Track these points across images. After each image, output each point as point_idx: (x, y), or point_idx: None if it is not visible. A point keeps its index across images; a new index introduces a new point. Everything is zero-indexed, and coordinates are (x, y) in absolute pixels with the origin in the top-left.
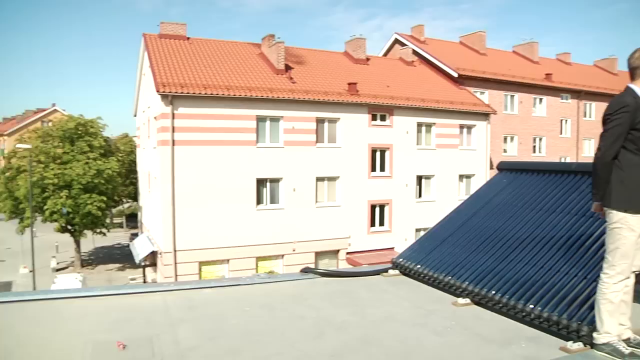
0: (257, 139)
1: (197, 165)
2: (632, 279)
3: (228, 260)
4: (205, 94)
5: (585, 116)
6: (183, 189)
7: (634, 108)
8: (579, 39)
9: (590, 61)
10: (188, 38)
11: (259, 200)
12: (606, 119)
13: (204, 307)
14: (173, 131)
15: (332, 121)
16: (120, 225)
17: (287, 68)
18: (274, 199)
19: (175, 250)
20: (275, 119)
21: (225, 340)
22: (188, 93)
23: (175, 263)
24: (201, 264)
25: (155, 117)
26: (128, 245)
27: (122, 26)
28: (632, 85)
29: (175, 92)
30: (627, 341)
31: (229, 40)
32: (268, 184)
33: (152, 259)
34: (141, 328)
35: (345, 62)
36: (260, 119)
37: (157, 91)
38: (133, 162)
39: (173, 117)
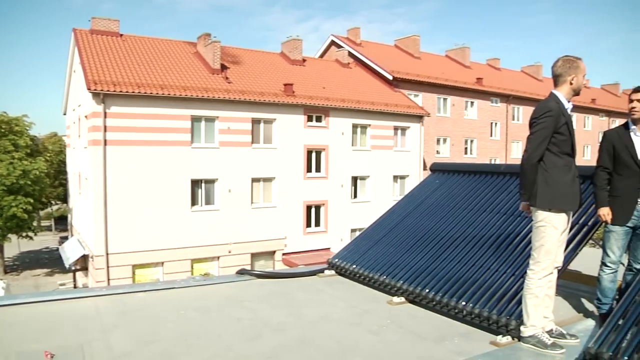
0: (192, 139)
1: (130, 165)
2: (555, 274)
3: (162, 263)
4: (139, 92)
5: (513, 119)
6: (115, 190)
7: (557, 113)
8: (508, 45)
9: (517, 67)
10: (121, 35)
11: (194, 202)
12: (532, 123)
13: (137, 312)
14: (105, 130)
15: (268, 122)
16: (48, 229)
17: (223, 68)
18: (209, 200)
19: (107, 254)
20: (210, 119)
21: (160, 344)
22: (121, 91)
23: (108, 267)
24: (135, 267)
25: (86, 116)
26: (57, 249)
27: (50, 19)
28: (556, 92)
29: (107, 91)
30: (550, 332)
31: (164, 38)
32: (203, 185)
33: (83, 262)
34: (71, 336)
35: (281, 62)
36: (195, 119)
37: (88, 89)
38: (62, 163)
39: (105, 116)
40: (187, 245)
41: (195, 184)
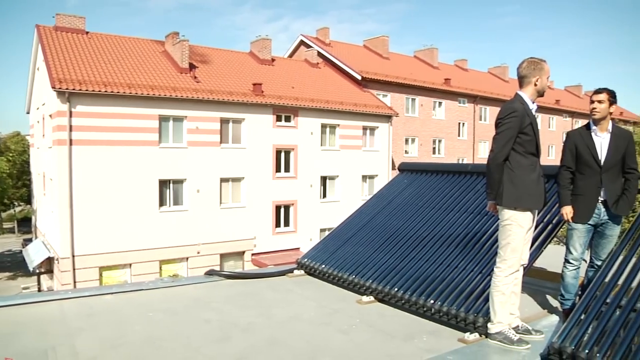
0: (159, 139)
1: (97, 166)
2: (521, 272)
3: (130, 265)
4: (106, 91)
5: (480, 119)
6: (81, 191)
7: (521, 113)
8: (475, 47)
9: (484, 68)
10: (87, 32)
11: (162, 202)
12: (498, 123)
13: (104, 315)
14: (70, 130)
15: (237, 121)
16: (11, 230)
17: (192, 67)
18: (177, 201)
19: (73, 256)
20: (178, 119)
21: (127, 348)
22: (87, 90)
23: (74, 269)
24: (101, 269)
25: (50, 115)
26: (20, 252)
27: (13, 14)
28: (521, 93)
29: (73, 89)
30: (517, 329)
31: (131, 36)
32: (171, 185)
33: (47, 265)
34: (35, 340)
35: (250, 62)
36: (163, 119)
37: (53, 87)
38: (26, 163)
39: (70, 115)
40: (155, 247)
41: (163, 184)
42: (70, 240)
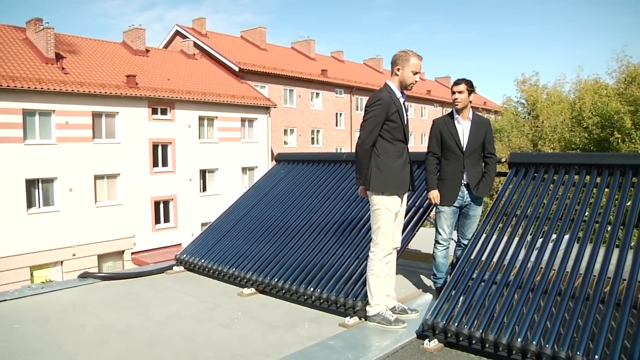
0: (24, 136)
1: None
2: (394, 255)
3: None
4: None
5: (357, 110)
6: None
7: (387, 102)
8: (351, 39)
9: (360, 60)
10: None
11: (30, 203)
12: (365, 111)
13: None
14: None
15: (110, 115)
16: None
17: (58, 57)
18: (47, 201)
19: None
20: (45, 113)
21: None
22: None
23: None
24: None
25: None
26: None
27: None
28: (389, 82)
29: None
30: (393, 309)
31: None
32: (40, 185)
33: None
34: None
35: (123, 53)
36: (28, 113)
37: None
38: None
39: None
40: (25, 252)
41: (31, 183)
42: None
